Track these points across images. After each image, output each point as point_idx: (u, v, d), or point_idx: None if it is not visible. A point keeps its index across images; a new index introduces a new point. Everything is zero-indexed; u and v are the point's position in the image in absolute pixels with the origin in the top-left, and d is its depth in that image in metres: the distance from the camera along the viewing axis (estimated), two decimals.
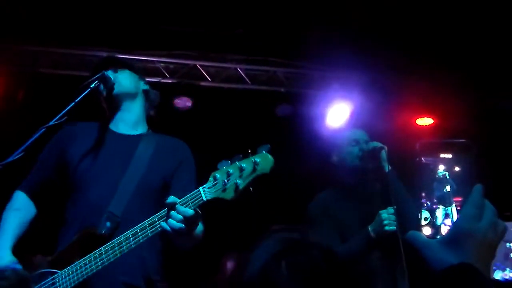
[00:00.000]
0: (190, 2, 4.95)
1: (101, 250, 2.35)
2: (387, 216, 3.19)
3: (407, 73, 5.92)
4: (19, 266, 2.47)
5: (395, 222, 3.16)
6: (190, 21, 5.17)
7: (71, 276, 2.39)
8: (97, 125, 2.79)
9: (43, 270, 2.48)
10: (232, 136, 5.86)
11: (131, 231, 2.31)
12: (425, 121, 6.13)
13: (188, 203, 2.22)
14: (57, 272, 2.44)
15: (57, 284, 2.41)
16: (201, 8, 5.03)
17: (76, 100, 2.42)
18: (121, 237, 2.33)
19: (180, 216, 2.18)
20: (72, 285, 2.38)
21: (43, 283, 2.45)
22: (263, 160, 2.18)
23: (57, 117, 2.38)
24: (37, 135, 2.37)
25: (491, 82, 5.98)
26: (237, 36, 5.39)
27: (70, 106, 2.41)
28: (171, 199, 2.24)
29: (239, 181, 2.16)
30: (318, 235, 3.33)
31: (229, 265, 4.50)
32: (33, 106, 5.10)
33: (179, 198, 2.27)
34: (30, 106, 5.14)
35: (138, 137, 2.77)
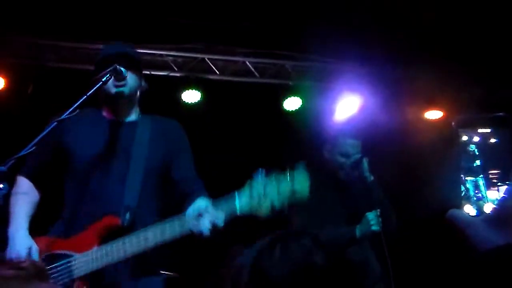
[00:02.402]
0: None
1: (125, 240, 2.39)
2: (373, 217, 3.53)
3: (416, 66, 5.87)
4: (35, 248, 2.50)
5: (380, 223, 3.51)
6: (198, 14, 5.15)
7: (89, 262, 2.41)
8: (90, 111, 2.76)
9: (56, 252, 2.51)
10: (240, 129, 5.86)
11: (160, 227, 2.36)
12: (434, 114, 6.08)
13: (222, 207, 2.27)
14: (73, 255, 2.46)
15: (74, 267, 2.43)
16: (209, 1, 5.01)
17: (88, 94, 2.41)
18: (148, 232, 2.37)
19: (209, 225, 2.26)
20: (90, 270, 2.40)
21: (57, 264, 2.46)
22: (301, 185, 2.18)
23: (69, 111, 2.37)
24: (48, 128, 2.37)
25: (500, 74, 5.94)
26: (245, 29, 5.37)
27: (81, 100, 2.40)
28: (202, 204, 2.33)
29: (276, 203, 2.17)
30: (297, 219, 3.55)
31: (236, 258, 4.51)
32: (42, 99, 5.10)
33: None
34: (39, 100, 5.15)
35: (134, 123, 2.77)
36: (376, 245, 3.58)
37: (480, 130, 5.59)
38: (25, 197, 2.69)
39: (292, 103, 5.87)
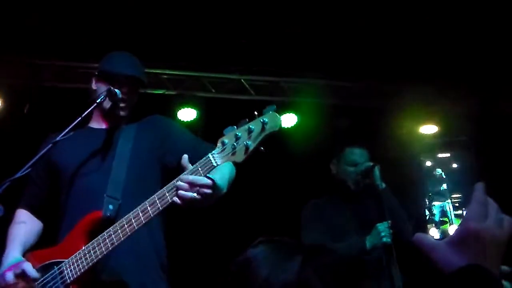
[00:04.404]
0: (193, 13, 4.96)
1: (109, 231, 2.28)
2: (384, 229, 3.49)
3: (410, 80, 5.91)
4: (28, 264, 2.41)
5: (390, 235, 3.47)
6: (193, 32, 5.18)
7: (79, 262, 2.32)
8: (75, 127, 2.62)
9: (46, 263, 2.43)
10: None
11: (140, 207, 2.23)
12: (428, 129, 6.09)
13: (198, 171, 2.15)
14: (63, 261, 2.38)
15: (65, 272, 2.35)
16: (203, 19, 5.05)
17: (83, 115, 2.43)
18: (130, 215, 2.25)
19: (186, 186, 2.13)
20: (82, 270, 2.31)
21: (48, 274, 2.39)
22: (271, 119, 2.07)
23: (64, 132, 2.38)
24: (44, 150, 2.38)
25: (494, 88, 5.98)
26: (239, 47, 5.41)
27: (77, 121, 2.42)
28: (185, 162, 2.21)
29: (248, 143, 2.07)
30: (309, 237, 3.52)
31: None
32: (39, 119, 5.10)
33: (193, 157, 2.24)
34: (36, 120, 5.15)
35: (119, 128, 2.73)
36: (388, 256, 3.52)
37: (439, 155, 5.45)
38: (21, 225, 2.66)
39: (287, 120, 5.89)
